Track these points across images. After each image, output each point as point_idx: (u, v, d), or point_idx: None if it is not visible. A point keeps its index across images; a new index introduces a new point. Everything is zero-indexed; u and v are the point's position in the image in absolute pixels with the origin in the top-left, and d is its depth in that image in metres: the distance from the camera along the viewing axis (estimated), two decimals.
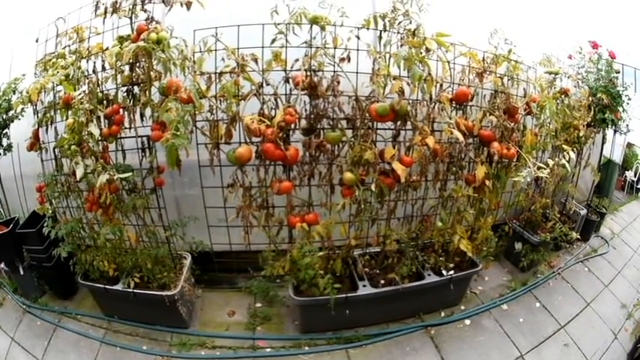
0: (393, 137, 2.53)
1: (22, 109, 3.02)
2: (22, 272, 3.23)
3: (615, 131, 4.30)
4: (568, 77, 3.69)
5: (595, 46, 4.02)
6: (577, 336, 3.06)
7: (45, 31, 2.91)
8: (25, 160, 3.32)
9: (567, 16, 4.20)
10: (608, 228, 4.88)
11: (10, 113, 3.16)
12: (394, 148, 2.46)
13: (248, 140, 2.35)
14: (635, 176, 6.24)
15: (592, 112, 3.77)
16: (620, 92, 3.93)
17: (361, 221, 2.71)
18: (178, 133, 2.05)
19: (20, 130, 3.12)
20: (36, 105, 2.86)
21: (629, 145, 6.23)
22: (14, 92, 3.14)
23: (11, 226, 3.26)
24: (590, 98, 3.79)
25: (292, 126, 2.40)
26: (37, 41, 2.99)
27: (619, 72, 4.06)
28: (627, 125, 4.23)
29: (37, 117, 2.86)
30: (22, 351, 2.82)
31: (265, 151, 2.28)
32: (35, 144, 2.89)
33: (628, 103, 4.04)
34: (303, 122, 2.48)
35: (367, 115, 2.40)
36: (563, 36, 3.96)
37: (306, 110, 2.47)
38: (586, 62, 3.99)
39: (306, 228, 2.49)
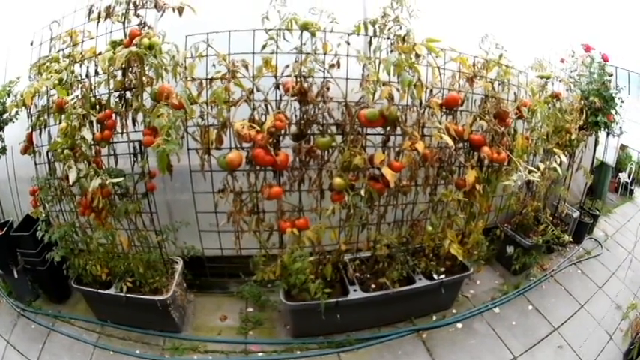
0: (382, 143, 2.55)
1: (17, 112, 3.02)
2: (16, 275, 3.23)
3: (608, 134, 4.31)
4: (560, 81, 3.70)
5: (587, 49, 4.03)
6: (571, 338, 3.08)
7: (40, 34, 2.93)
8: (19, 163, 3.31)
9: (559, 20, 4.21)
10: (602, 230, 4.90)
11: (5, 116, 3.16)
12: (384, 153, 2.48)
13: (238, 146, 2.36)
14: (628, 178, 6.25)
15: (584, 116, 3.78)
16: (613, 95, 3.94)
17: (351, 226, 2.72)
18: (169, 138, 2.05)
19: (14, 134, 3.12)
20: (30, 108, 2.86)
21: (623, 147, 6.25)
22: (9, 95, 3.15)
23: (5, 229, 3.28)
24: (583, 101, 3.80)
25: (282, 132, 2.41)
26: (31, 44, 3.00)
27: (612, 75, 4.07)
28: (620, 127, 4.24)
29: (31, 120, 2.87)
30: (17, 354, 2.83)
31: (255, 156, 2.29)
32: (29, 147, 2.90)
33: (621, 106, 4.05)
34: (293, 128, 2.50)
35: (357, 120, 2.41)
36: (555, 40, 3.96)
37: (296, 116, 2.49)
38: (578, 65, 4.00)
39: (297, 233, 2.50)
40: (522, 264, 3.64)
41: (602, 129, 4.05)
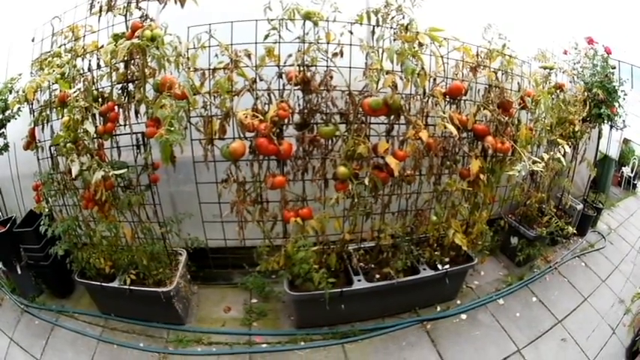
0: (386, 131, 2.55)
1: (19, 108, 3.02)
2: (19, 271, 3.23)
3: (611, 127, 4.31)
4: (563, 72, 3.71)
5: (590, 41, 4.02)
6: (574, 331, 3.06)
7: (41, 30, 2.93)
8: (22, 159, 3.33)
9: (563, 12, 4.21)
10: (605, 223, 4.89)
11: (7, 113, 3.15)
12: (388, 142, 2.47)
13: (242, 135, 2.36)
14: (631, 172, 6.24)
15: (588, 107, 3.78)
16: (616, 88, 3.94)
17: (355, 215, 2.71)
18: (172, 129, 2.05)
19: (17, 130, 3.11)
20: (32, 104, 2.87)
21: (626, 141, 6.24)
22: (11, 92, 3.14)
23: (8, 225, 3.27)
24: (586, 93, 3.80)
25: (286, 121, 2.41)
26: (33, 40, 3.00)
27: (615, 67, 4.07)
28: (624, 121, 4.24)
29: (34, 116, 2.87)
30: (21, 350, 2.83)
31: (259, 146, 2.29)
32: (31, 143, 2.90)
33: (624, 99, 4.05)
34: (297, 117, 2.50)
35: (360, 109, 2.41)
36: (559, 31, 3.96)
37: (299, 105, 2.49)
38: (581, 58, 4.00)
39: (300, 222, 2.49)
40: (526, 255, 3.63)
41: (606, 121, 4.04)
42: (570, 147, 3.56)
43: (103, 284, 2.81)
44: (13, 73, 3.25)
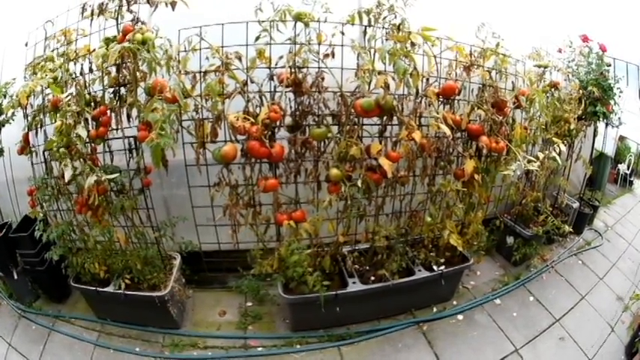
0: (379, 132, 2.54)
1: (13, 113, 3.01)
2: (16, 276, 3.22)
3: (607, 124, 4.30)
4: (558, 70, 3.69)
5: (585, 39, 4.02)
6: (573, 329, 3.05)
7: (34, 34, 2.92)
8: (17, 164, 3.31)
9: (557, 10, 4.20)
10: (602, 221, 4.89)
11: (1, 117, 3.15)
12: (380, 143, 2.46)
13: (233, 138, 2.35)
14: (627, 169, 6.25)
15: (583, 105, 3.76)
16: (612, 85, 3.93)
17: (349, 217, 2.70)
18: (163, 132, 2.04)
19: (11, 134, 3.10)
20: (26, 108, 2.86)
21: (622, 138, 6.25)
22: (4, 96, 3.13)
23: (4, 230, 3.27)
24: (581, 91, 3.79)
25: (277, 123, 2.39)
26: (26, 45, 2.99)
27: (610, 65, 4.06)
28: (619, 118, 4.23)
29: (27, 120, 2.86)
30: (19, 356, 2.82)
31: (250, 148, 2.28)
32: (25, 147, 2.89)
33: (620, 96, 4.04)
34: (288, 119, 2.48)
35: (352, 110, 2.39)
36: (553, 30, 3.95)
37: (291, 107, 2.47)
38: (576, 56, 3.99)
39: (294, 225, 2.48)
40: (523, 255, 3.63)
41: (601, 119, 4.04)
42: (566, 145, 3.55)
43: (98, 289, 2.80)
44: (7, 77, 3.24)
